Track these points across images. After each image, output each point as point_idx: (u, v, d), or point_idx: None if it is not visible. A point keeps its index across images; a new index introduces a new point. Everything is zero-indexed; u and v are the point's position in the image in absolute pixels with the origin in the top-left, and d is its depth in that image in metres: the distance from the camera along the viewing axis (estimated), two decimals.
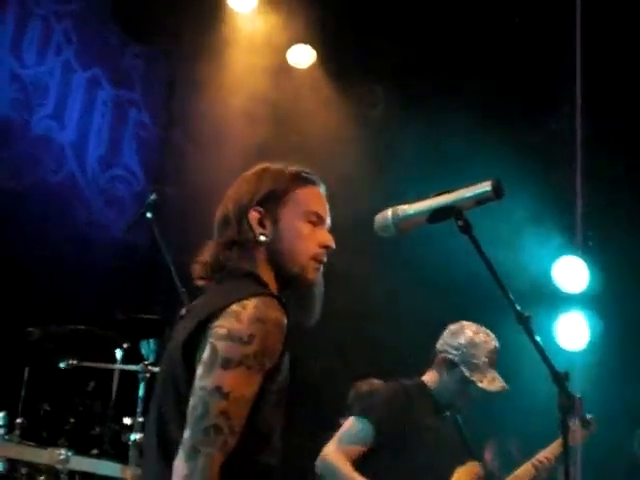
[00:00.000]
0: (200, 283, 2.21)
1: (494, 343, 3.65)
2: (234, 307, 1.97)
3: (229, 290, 2.06)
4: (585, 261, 6.53)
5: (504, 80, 6.43)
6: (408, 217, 2.16)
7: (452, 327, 3.74)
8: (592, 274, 6.53)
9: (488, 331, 3.70)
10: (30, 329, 4.22)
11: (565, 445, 2.21)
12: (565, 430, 2.16)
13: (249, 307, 1.98)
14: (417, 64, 6.59)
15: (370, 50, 6.49)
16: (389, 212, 2.18)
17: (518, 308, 2.14)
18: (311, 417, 5.73)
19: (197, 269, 2.22)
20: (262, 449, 2.04)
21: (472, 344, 3.62)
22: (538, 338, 2.15)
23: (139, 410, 3.93)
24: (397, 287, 6.35)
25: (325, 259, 2.25)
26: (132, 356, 4.25)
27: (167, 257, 4.20)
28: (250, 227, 2.19)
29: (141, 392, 3.98)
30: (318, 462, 3.50)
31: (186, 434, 1.91)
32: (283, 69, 6.71)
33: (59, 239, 5.73)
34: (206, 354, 1.94)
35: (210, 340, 1.95)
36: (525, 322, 2.14)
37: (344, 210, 5.94)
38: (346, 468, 3.42)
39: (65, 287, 5.55)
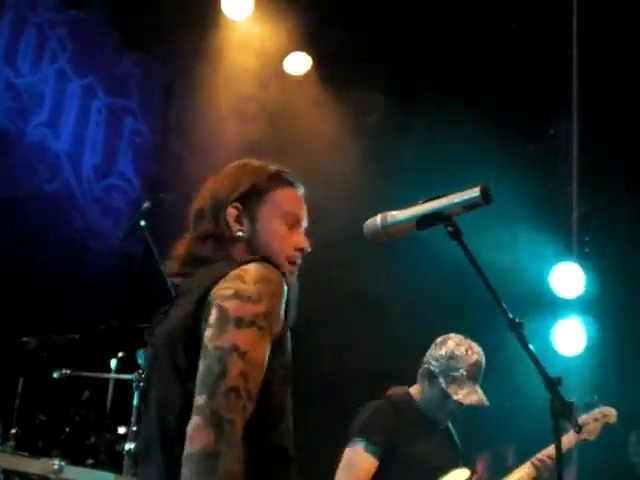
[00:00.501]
0: (175, 281, 2.18)
1: (476, 357, 3.63)
2: (236, 272, 1.94)
3: (217, 267, 2.02)
4: (581, 266, 6.52)
5: (501, 87, 6.44)
6: (397, 223, 2.16)
7: (438, 339, 3.74)
8: (588, 279, 6.52)
9: (474, 344, 3.69)
10: (25, 339, 4.22)
11: (558, 450, 2.20)
12: (558, 435, 2.15)
13: (251, 270, 1.94)
14: (414, 70, 6.60)
15: (366, 56, 6.49)
16: (378, 218, 2.18)
17: (510, 315, 2.13)
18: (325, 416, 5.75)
19: (170, 265, 2.18)
20: (275, 427, 1.98)
21: (452, 356, 3.62)
22: (530, 345, 2.14)
23: (134, 419, 3.92)
24: (399, 288, 6.35)
25: (299, 262, 2.23)
26: (127, 365, 4.24)
27: (161, 265, 4.19)
28: (227, 223, 2.16)
29: (136, 401, 3.98)
30: None
31: (202, 399, 1.80)
32: (279, 76, 6.72)
33: (55, 248, 5.73)
34: (214, 316, 1.87)
35: (216, 302, 1.89)
36: (517, 329, 2.14)
37: (339, 215, 5.98)
38: None
39: (61, 296, 5.55)
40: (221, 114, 6.49)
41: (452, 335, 3.72)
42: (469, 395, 3.57)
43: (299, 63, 6.74)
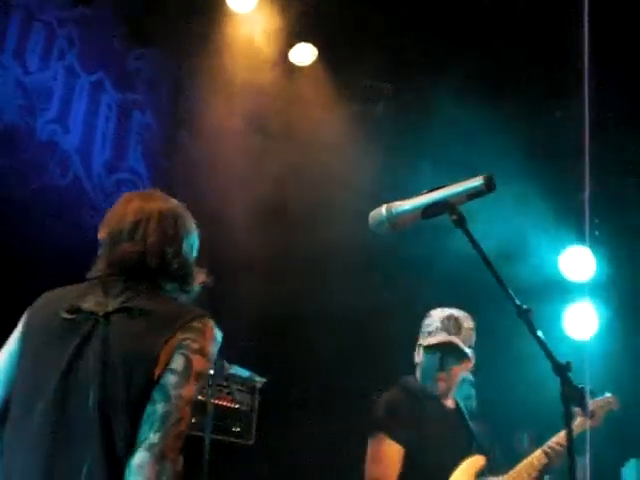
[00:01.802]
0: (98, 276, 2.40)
1: (450, 311, 3.67)
2: (199, 325, 2.24)
3: (182, 310, 2.29)
4: (592, 250, 6.52)
5: (511, 67, 6.42)
6: (402, 213, 2.18)
7: None
8: (599, 263, 6.52)
9: (451, 309, 3.72)
10: None
11: (569, 436, 2.22)
12: (569, 421, 2.17)
13: (209, 327, 2.26)
14: (420, 58, 6.59)
15: (372, 46, 6.49)
16: (383, 209, 2.21)
17: (517, 301, 2.15)
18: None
19: (107, 266, 2.40)
20: None
21: (427, 315, 3.72)
22: (539, 331, 2.16)
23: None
24: (409, 285, 6.38)
25: None
26: None
27: None
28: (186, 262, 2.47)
29: None
30: None
31: (156, 438, 2.08)
32: (285, 67, 6.73)
33: (66, 243, 5.76)
34: (180, 365, 2.15)
35: (184, 352, 2.17)
36: (525, 315, 2.15)
37: (345, 206, 6.00)
38: None
39: None
40: (228, 107, 6.51)
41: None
42: (434, 339, 3.60)
43: (304, 54, 6.74)
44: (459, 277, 6.09)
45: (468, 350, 3.62)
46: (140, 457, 2.07)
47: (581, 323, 6.48)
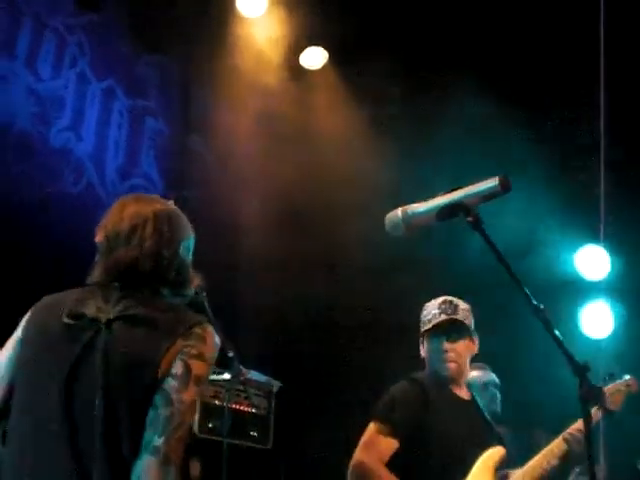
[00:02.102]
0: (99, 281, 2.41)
1: (444, 297, 3.71)
2: (199, 331, 2.27)
3: (182, 318, 2.31)
4: (607, 249, 6.49)
5: (525, 66, 6.40)
6: (417, 215, 2.18)
7: None
8: (614, 261, 6.49)
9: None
10: None
11: (587, 436, 2.20)
12: (588, 421, 2.16)
13: (209, 333, 2.30)
14: (432, 60, 6.58)
15: (383, 48, 6.49)
16: (399, 211, 2.21)
17: (533, 301, 2.14)
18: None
19: (106, 270, 2.41)
20: None
21: (424, 307, 3.75)
22: (556, 330, 2.15)
23: None
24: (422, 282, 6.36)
25: None
26: None
27: None
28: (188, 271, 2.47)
29: None
30: (350, 470, 3.51)
31: (159, 441, 2.13)
32: (296, 71, 6.74)
33: (81, 250, 5.77)
34: (180, 371, 2.20)
35: (183, 358, 2.21)
36: (542, 314, 2.14)
37: (358, 209, 5.99)
38: (381, 471, 3.44)
39: None
40: (239, 111, 6.52)
41: None
42: (435, 321, 3.64)
43: (315, 58, 6.75)
44: (476, 276, 6.08)
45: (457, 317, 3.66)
46: (145, 461, 2.12)
47: (597, 322, 6.45)
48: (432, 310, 3.70)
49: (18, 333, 2.40)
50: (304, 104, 6.66)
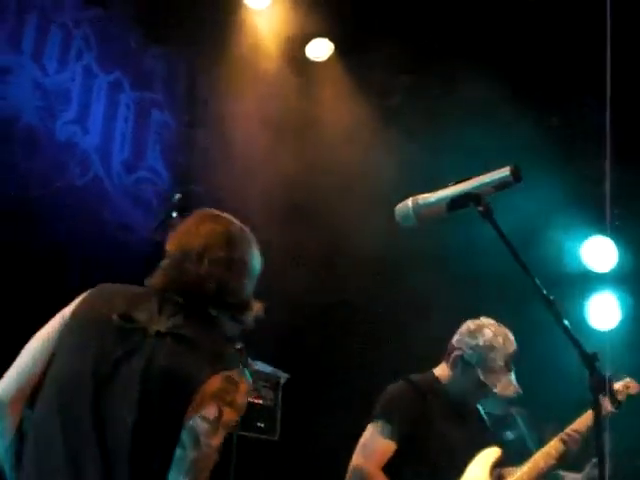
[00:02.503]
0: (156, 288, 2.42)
1: (513, 348, 3.61)
2: (235, 375, 2.26)
3: (226, 353, 2.31)
4: (613, 240, 6.48)
5: (532, 58, 6.37)
6: (428, 206, 2.18)
7: (471, 324, 3.68)
8: (621, 253, 6.49)
9: (507, 331, 3.66)
10: None
11: (597, 425, 2.20)
12: (597, 411, 2.16)
13: (244, 379, 2.29)
14: (438, 51, 6.56)
15: (388, 39, 6.47)
16: (409, 201, 2.20)
17: (544, 292, 2.14)
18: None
19: (168, 279, 2.42)
20: None
21: (490, 347, 3.57)
22: (566, 321, 2.15)
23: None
24: (429, 276, 6.36)
25: None
26: None
27: None
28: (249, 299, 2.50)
29: None
30: (349, 474, 3.52)
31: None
32: (301, 63, 6.73)
33: (87, 243, 5.79)
34: (213, 414, 2.19)
35: (217, 402, 2.21)
36: (552, 305, 2.14)
37: (365, 201, 5.99)
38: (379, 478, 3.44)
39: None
40: (245, 103, 6.51)
41: (485, 321, 3.68)
42: (507, 387, 3.56)
43: (321, 49, 6.74)
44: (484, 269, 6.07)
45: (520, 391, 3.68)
46: None
47: (604, 314, 6.45)
48: (501, 358, 3.58)
49: (66, 315, 2.42)
50: (310, 96, 6.65)
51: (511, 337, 3.65)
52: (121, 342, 2.27)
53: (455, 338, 3.69)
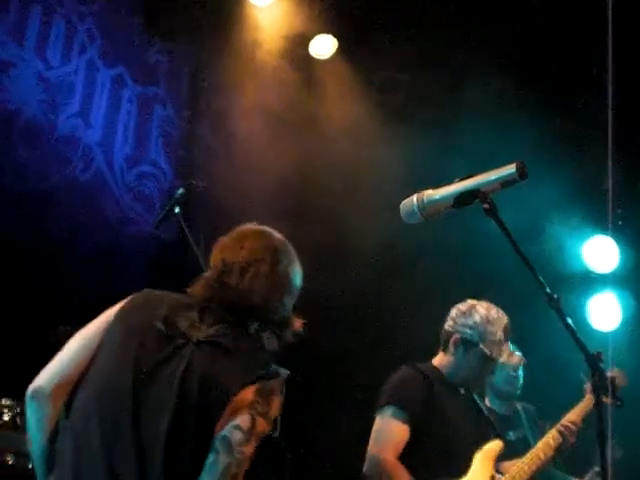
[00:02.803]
0: (201, 297, 2.41)
1: (506, 318, 3.69)
2: (267, 388, 2.28)
3: (261, 363, 2.32)
4: (615, 240, 6.47)
5: (535, 58, 6.37)
6: (433, 202, 2.17)
7: (460, 307, 3.75)
8: (623, 253, 6.47)
9: (496, 306, 3.73)
10: (61, 327, 4.26)
11: (600, 422, 2.20)
12: (600, 409, 2.16)
13: (276, 392, 2.30)
14: (441, 48, 6.55)
15: (392, 37, 6.46)
16: (414, 198, 2.20)
17: (548, 290, 2.14)
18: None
19: (215, 289, 2.41)
20: None
21: (487, 321, 3.65)
22: (569, 319, 2.15)
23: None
24: (438, 275, 6.37)
25: None
26: None
27: (197, 251, 4.22)
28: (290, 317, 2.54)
29: None
30: (366, 463, 3.52)
31: None
32: (305, 59, 6.72)
33: (89, 236, 5.80)
34: (247, 425, 2.21)
35: (251, 412, 2.23)
36: (555, 303, 2.14)
37: (368, 197, 5.98)
38: (399, 471, 3.45)
39: (96, 284, 5.61)
40: (248, 99, 6.51)
41: (474, 301, 3.75)
42: (511, 356, 3.64)
43: (325, 46, 6.73)
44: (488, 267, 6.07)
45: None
46: None
47: (605, 314, 6.43)
48: (499, 329, 3.66)
49: (110, 317, 2.42)
50: (314, 92, 6.64)
51: (500, 310, 3.72)
52: (162, 347, 2.30)
53: (447, 324, 3.75)
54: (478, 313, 3.67)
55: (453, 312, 3.76)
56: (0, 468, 3.97)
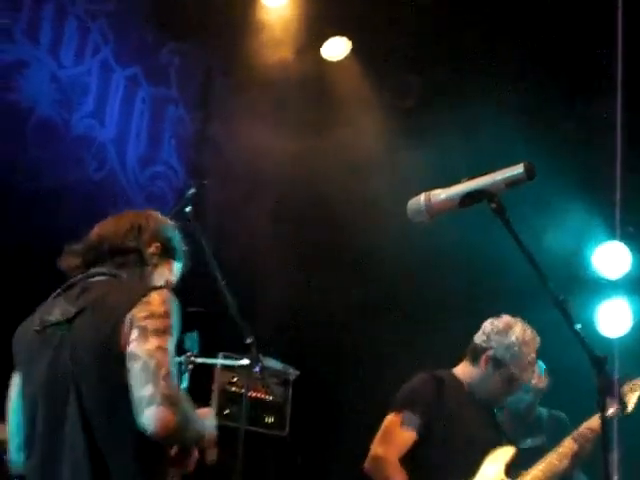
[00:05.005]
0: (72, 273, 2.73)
1: (538, 338, 3.70)
2: (143, 299, 2.39)
3: (128, 289, 2.50)
4: (626, 246, 6.45)
5: (545, 62, 6.36)
6: (440, 201, 2.18)
7: (497, 323, 3.71)
8: (634, 259, 6.45)
9: (529, 326, 3.73)
10: None
11: (604, 428, 2.21)
12: (604, 412, 2.16)
13: (152, 296, 2.40)
14: (452, 52, 6.55)
15: (405, 39, 6.47)
16: (422, 197, 2.20)
17: (555, 292, 2.14)
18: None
19: (72, 259, 2.81)
20: None
21: (523, 342, 3.64)
22: (578, 325, 2.14)
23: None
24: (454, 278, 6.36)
25: None
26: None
27: (207, 250, 4.24)
28: (145, 252, 2.73)
29: (185, 383, 4.05)
30: (367, 462, 3.53)
31: (148, 390, 2.22)
32: (318, 61, 6.73)
33: None
34: (135, 334, 2.32)
35: (137, 324, 2.34)
36: (561, 305, 2.14)
37: (380, 199, 5.98)
38: (397, 470, 3.45)
39: None
40: (260, 100, 6.52)
41: (509, 318, 3.73)
42: (540, 379, 3.66)
43: (338, 47, 6.73)
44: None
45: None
46: (147, 414, 2.21)
47: (614, 320, 6.40)
48: (533, 350, 3.69)
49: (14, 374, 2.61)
50: (326, 94, 6.65)
51: (533, 330, 3.73)
52: (47, 346, 2.46)
53: (481, 338, 3.71)
54: (515, 334, 3.65)
55: (488, 327, 3.72)
56: (0, 465, 4.00)
